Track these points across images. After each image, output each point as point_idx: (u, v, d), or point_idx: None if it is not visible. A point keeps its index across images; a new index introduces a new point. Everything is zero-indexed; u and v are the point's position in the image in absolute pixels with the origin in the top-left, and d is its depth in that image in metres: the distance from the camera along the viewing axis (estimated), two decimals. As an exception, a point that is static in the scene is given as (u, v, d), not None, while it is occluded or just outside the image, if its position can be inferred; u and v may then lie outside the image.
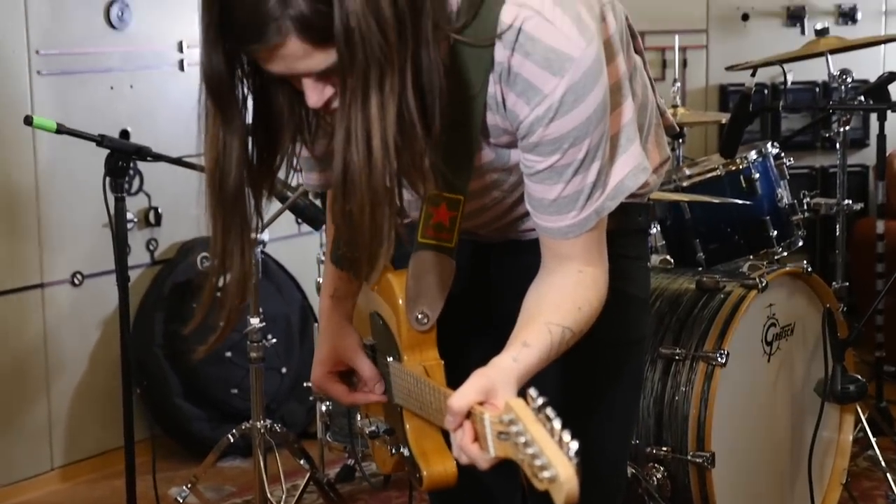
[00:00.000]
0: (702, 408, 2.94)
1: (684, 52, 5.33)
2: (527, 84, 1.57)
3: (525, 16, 1.55)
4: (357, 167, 1.47)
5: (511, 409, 1.36)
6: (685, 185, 3.54)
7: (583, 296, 1.68)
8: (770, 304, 3.16)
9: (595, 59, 1.57)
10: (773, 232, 3.57)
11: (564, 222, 1.67)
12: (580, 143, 1.60)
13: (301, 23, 1.41)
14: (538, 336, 1.61)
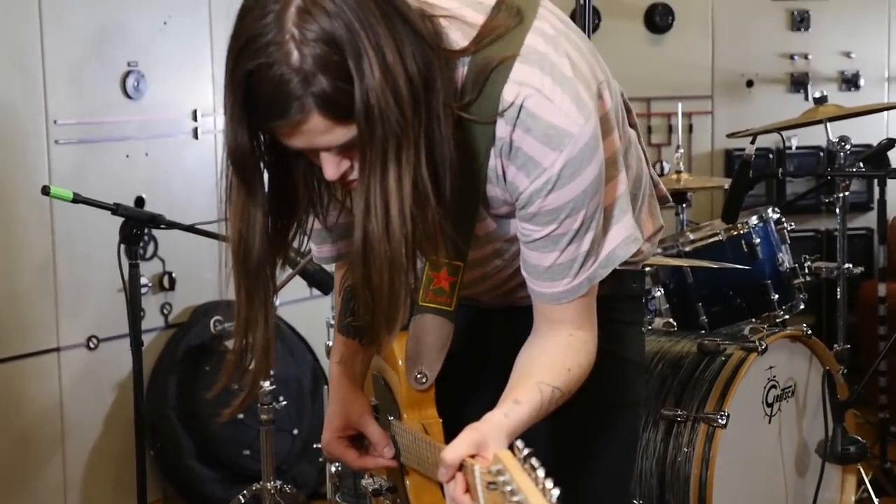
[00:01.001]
0: (703, 468, 3.00)
1: (690, 117, 5.43)
2: (527, 158, 1.64)
3: (526, 94, 1.63)
4: (376, 237, 1.54)
5: (499, 459, 1.43)
6: (687, 249, 3.61)
7: (573, 358, 1.75)
8: (770, 366, 3.23)
9: (592, 136, 1.65)
10: (774, 295, 3.63)
11: (558, 288, 1.74)
12: (576, 214, 1.68)
13: (323, 100, 1.48)
14: (529, 394, 1.68)
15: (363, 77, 1.45)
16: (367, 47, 1.45)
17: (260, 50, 1.46)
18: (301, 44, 1.45)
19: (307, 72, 1.45)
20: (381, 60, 1.46)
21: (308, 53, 1.45)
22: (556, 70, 1.64)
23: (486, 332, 2.05)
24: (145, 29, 4.20)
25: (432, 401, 1.84)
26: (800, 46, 5.49)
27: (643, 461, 3.09)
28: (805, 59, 5.47)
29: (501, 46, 1.65)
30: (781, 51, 5.50)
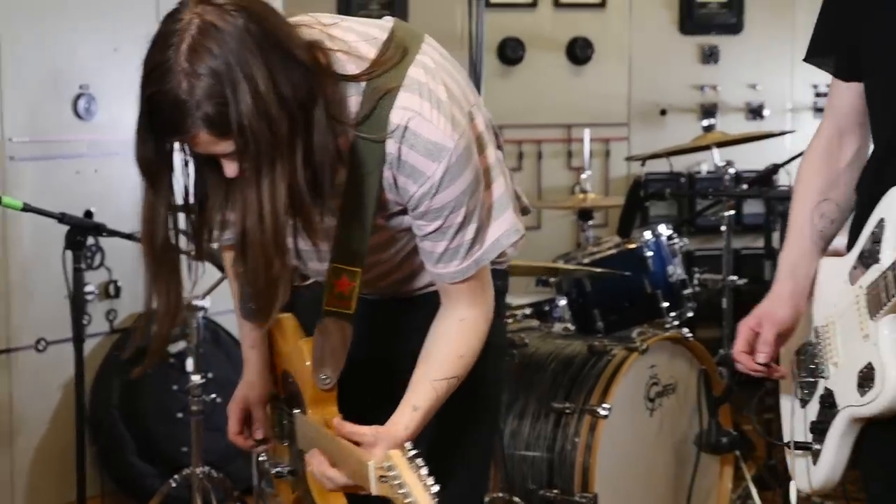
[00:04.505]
0: (586, 455, 3.36)
1: (607, 143, 5.83)
2: (413, 168, 2.01)
3: (409, 116, 1.99)
4: (251, 232, 1.89)
5: (391, 458, 1.84)
6: (586, 261, 3.97)
7: (465, 343, 2.15)
8: (652, 365, 3.59)
9: (465, 148, 2.02)
10: (664, 304, 4.00)
11: (450, 269, 2.11)
12: (458, 211, 2.05)
13: (207, 120, 1.83)
14: (426, 397, 2.09)
15: (238, 103, 1.80)
16: (241, 79, 1.80)
17: (159, 78, 1.82)
18: (190, 76, 1.80)
19: (195, 98, 1.80)
20: (254, 89, 1.80)
21: (195, 84, 1.80)
22: (433, 96, 2.00)
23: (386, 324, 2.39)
24: (96, 55, 4.47)
25: (334, 399, 2.16)
26: (709, 78, 5.92)
27: (535, 449, 3.44)
28: (714, 91, 5.90)
29: (389, 78, 2.00)
30: (692, 82, 5.93)
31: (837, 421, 2.16)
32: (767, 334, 2.21)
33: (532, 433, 3.48)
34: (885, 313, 2.03)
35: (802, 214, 2.25)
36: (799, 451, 2.26)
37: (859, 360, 2.09)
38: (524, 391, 3.53)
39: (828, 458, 2.19)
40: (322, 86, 1.92)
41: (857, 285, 2.12)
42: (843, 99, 2.24)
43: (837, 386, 2.17)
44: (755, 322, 2.23)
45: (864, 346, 2.08)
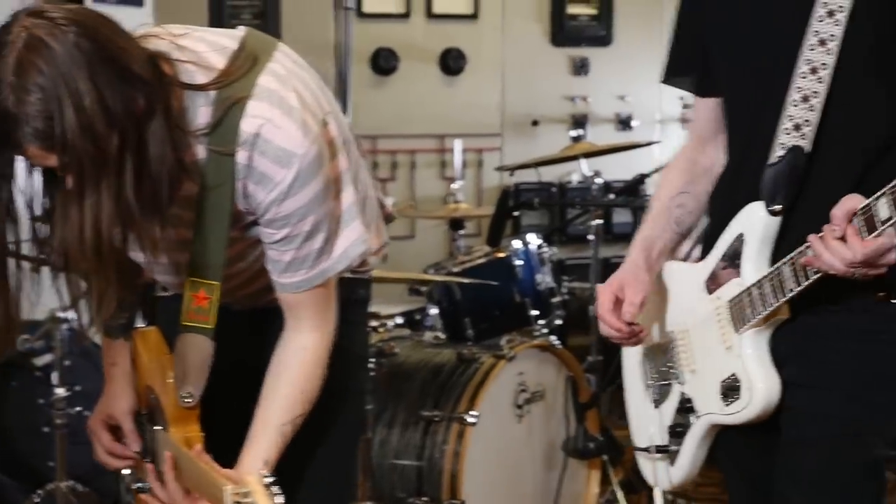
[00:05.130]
0: (454, 462, 3.39)
1: (480, 153, 5.88)
2: (262, 175, 2.00)
3: (260, 123, 1.98)
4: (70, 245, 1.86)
5: (248, 484, 1.81)
6: (456, 270, 4.01)
7: (307, 377, 2.13)
8: (520, 372, 3.64)
9: (316, 155, 2.02)
10: (532, 312, 4.05)
11: (296, 278, 2.10)
12: (306, 219, 2.04)
13: (34, 135, 1.80)
14: (275, 446, 2.08)
15: (62, 119, 1.78)
16: (66, 95, 1.78)
17: None
18: (18, 90, 1.78)
19: (23, 112, 1.79)
20: (78, 105, 1.78)
21: (24, 98, 1.78)
22: (284, 103, 1.99)
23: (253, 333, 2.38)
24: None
25: (196, 417, 2.13)
26: (580, 90, 6.02)
27: (404, 458, 3.46)
28: (585, 102, 5.99)
29: (239, 87, 2.00)
30: (563, 93, 6.02)
31: (697, 426, 2.24)
32: (633, 296, 2.25)
33: (401, 442, 3.49)
34: (750, 328, 2.11)
35: (661, 202, 2.34)
36: (659, 454, 2.32)
37: (722, 371, 2.16)
38: (393, 400, 3.54)
39: (686, 459, 2.28)
40: (164, 97, 1.90)
41: (716, 296, 2.18)
42: (702, 112, 2.34)
43: (696, 392, 2.24)
44: (617, 286, 2.27)
45: (727, 358, 2.15)
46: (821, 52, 2.06)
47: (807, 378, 2.11)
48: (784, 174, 2.08)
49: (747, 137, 2.18)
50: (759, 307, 2.08)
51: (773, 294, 2.06)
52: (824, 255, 1.95)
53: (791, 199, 2.09)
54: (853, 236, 1.92)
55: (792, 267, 2.03)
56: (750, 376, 2.10)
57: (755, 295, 2.08)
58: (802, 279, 2.01)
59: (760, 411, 2.11)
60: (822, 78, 2.06)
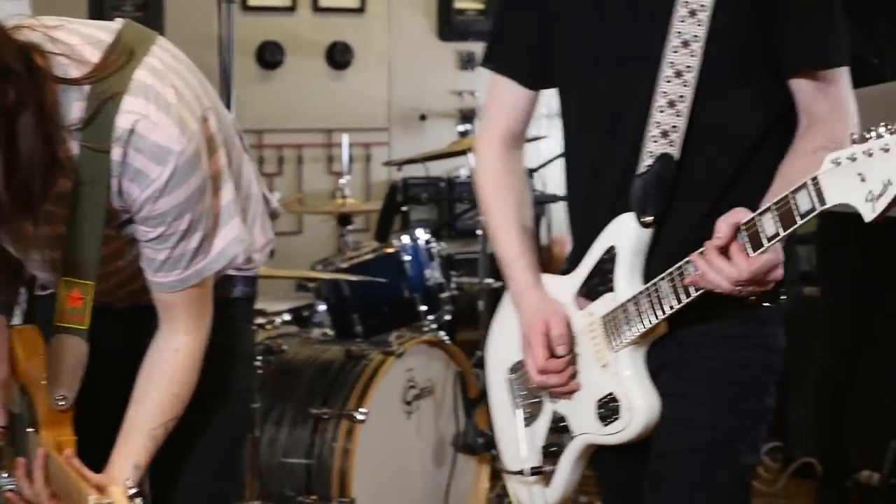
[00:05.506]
0: (344, 460, 3.36)
1: (368, 148, 5.85)
2: (138, 171, 1.94)
3: (135, 119, 1.92)
4: None
5: (112, 495, 1.76)
6: (344, 266, 3.98)
7: (180, 380, 2.08)
8: (409, 368, 3.63)
9: (193, 153, 1.97)
10: (421, 307, 4.04)
11: (171, 278, 2.05)
12: (182, 217, 1.99)
13: None
14: (146, 450, 2.03)
15: None
16: None
17: None
18: None
19: None
20: None
21: None
22: (160, 99, 1.94)
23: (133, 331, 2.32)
24: None
25: (70, 420, 2.07)
26: (467, 84, 6.02)
27: (293, 456, 3.43)
28: (472, 96, 5.99)
29: (114, 81, 1.94)
30: (451, 88, 6.02)
31: (572, 446, 2.17)
32: (560, 329, 2.12)
33: (290, 440, 3.46)
34: (626, 346, 2.05)
35: (510, 219, 2.20)
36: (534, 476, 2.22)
37: (597, 389, 2.09)
38: (282, 398, 3.51)
39: (562, 479, 2.21)
40: (36, 91, 1.84)
41: (588, 312, 2.11)
42: (521, 105, 2.21)
43: (570, 411, 2.16)
44: (543, 326, 2.12)
45: (602, 376, 2.09)
46: (685, 55, 2.00)
47: (678, 387, 2.06)
48: (654, 183, 2.02)
49: (606, 143, 2.10)
50: (636, 324, 2.02)
51: (652, 311, 2.00)
52: (708, 273, 1.89)
53: (662, 209, 2.03)
54: (738, 253, 1.87)
55: (671, 283, 1.97)
56: (629, 396, 2.05)
57: (631, 311, 2.02)
58: (683, 296, 1.96)
59: (641, 431, 2.06)
60: (688, 81, 2.00)
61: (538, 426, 2.23)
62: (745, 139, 2.05)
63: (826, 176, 1.74)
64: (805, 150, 1.99)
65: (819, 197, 1.75)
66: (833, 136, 1.97)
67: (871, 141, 1.70)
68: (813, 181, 1.76)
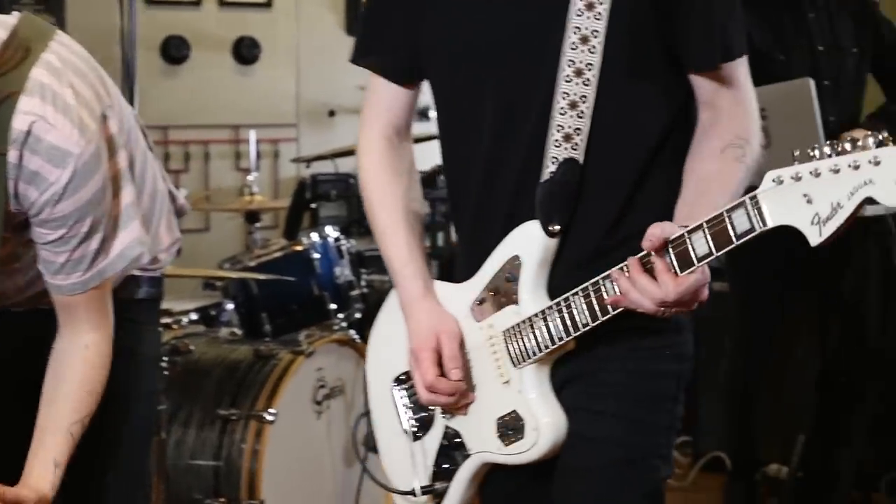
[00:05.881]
0: (253, 461, 3.31)
1: (276, 144, 5.79)
2: (35, 174, 1.88)
3: (31, 121, 1.86)
4: None
5: None
6: (252, 264, 3.92)
7: (91, 377, 2.03)
8: (319, 367, 3.58)
9: (93, 154, 1.91)
10: (331, 305, 4.00)
11: (71, 280, 1.99)
12: (84, 220, 1.93)
13: None
14: (65, 447, 1.99)
15: None
16: None
17: None
18: None
19: None
20: None
21: None
22: (58, 99, 1.88)
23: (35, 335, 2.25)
24: None
25: None
26: (376, 80, 5.96)
27: (201, 458, 3.36)
28: (382, 92, 5.94)
29: (9, 80, 1.87)
30: (360, 84, 5.88)
31: (468, 465, 2.05)
32: (452, 349, 1.99)
33: (197, 441, 3.39)
34: (531, 362, 1.94)
35: (396, 220, 2.06)
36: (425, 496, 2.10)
37: (498, 407, 1.98)
38: (189, 399, 3.44)
39: (455, 498, 2.09)
40: None
41: (487, 324, 1.99)
42: (399, 102, 2.09)
43: (465, 427, 2.04)
44: (434, 342, 2.00)
45: (504, 393, 1.97)
46: (584, 52, 1.87)
47: (587, 402, 1.96)
48: (559, 190, 1.90)
49: (499, 147, 1.96)
50: (544, 340, 1.90)
51: (563, 328, 1.88)
52: (631, 293, 1.78)
53: (568, 217, 1.92)
54: (665, 273, 1.75)
55: (586, 300, 1.85)
56: (535, 416, 1.94)
57: (539, 327, 1.91)
58: (600, 314, 1.84)
59: (547, 452, 1.95)
60: (589, 80, 1.87)
61: (428, 442, 2.10)
62: (650, 138, 1.95)
63: (767, 195, 1.66)
64: (713, 149, 1.92)
65: (760, 217, 1.67)
66: (740, 132, 1.92)
67: (817, 160, 1.61)
68: (752, 200, 1.67)
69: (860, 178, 1.55)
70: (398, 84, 2.09)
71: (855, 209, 1.57)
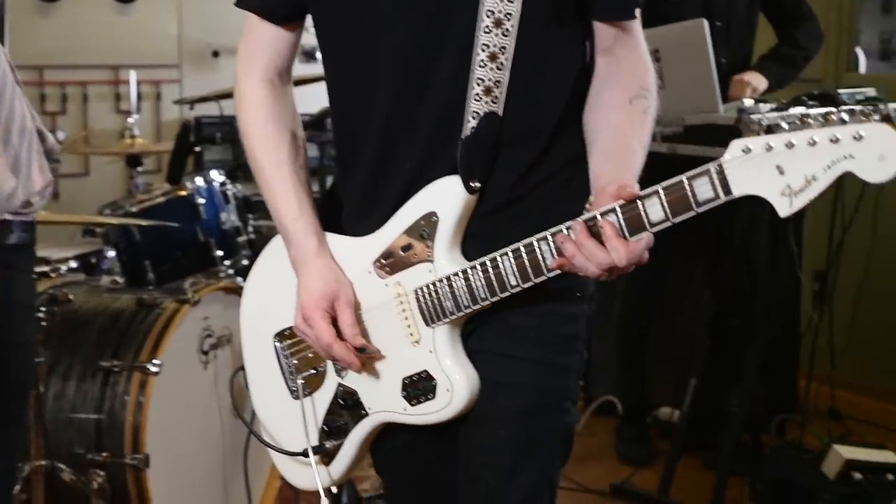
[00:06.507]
0: (137, 414, 3.18)
1: (158, 85, 5.59)
2: None
3: None
4: None
5: None
6: (134, 210, 3.77)
7: None
8: (205, 316, 3.45)
9: None
10: (217, 252, 3.88)
11: None
12: None
13: None
14: None
15: None
16: None
17: None
18: None
19: None
20: None
21: None
22: None
23: None
24: None
25: None
26: (262, 20, 5.79)
27: (82, 411, 3.23)
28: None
29: None
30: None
31: (365, 423, 2.00)
32: (350, 316, 1.91)
33: (78, 394, 3.25)
34: (446, 322, 1.88)
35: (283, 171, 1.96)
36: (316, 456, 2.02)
37: (405, 366, 1.92)
38: (69, 350, 3.29)
39: (347, 458, 2.03)
40: None
41: (395, 281, 1.92)
42: (282, 43, 1.99)
43: (364, 386, 1.98)
44: (327, 304, 1.92)
45: (414, 352, 1.91)
46: (503, 1, 1.80)
47: (498, 346, 1.90)
48: (480, 145, 1.83)
49: (410, 99, 1.87)
50: (464, 301, 1.84)
51: (488, 288, 1.81)
52: (577, 258, 1.71)
53: (488, 173, 1.85)
54: (615, 238, 1.69)
55: (518, 261, 1.78)
56: (449, 376, 1.88)
57: (459, 287, 1.84)
58: (532, 276, 1.77)
59: (461, 411, 1.90)
60: (509, 31, 1.81)
61: (318, 400, 2.03)
62: (566, 87, 1.90)
63: (734, 164, 1.62)
64: (622, 100, 1.88)
65: (724, 186, 1.62)
66: (643, 83, 1.89)
67: (792, 133, 1.58)
68: (718, 169, 1.62)
69: (840, 152, 1.53)
70: (278, 25, 1.98)
71: (830, 183, 1.55)
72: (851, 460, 3.63)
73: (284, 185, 1.95)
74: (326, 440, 2.03)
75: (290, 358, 2.05)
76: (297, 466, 2.09)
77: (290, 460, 2.09)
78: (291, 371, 2.05)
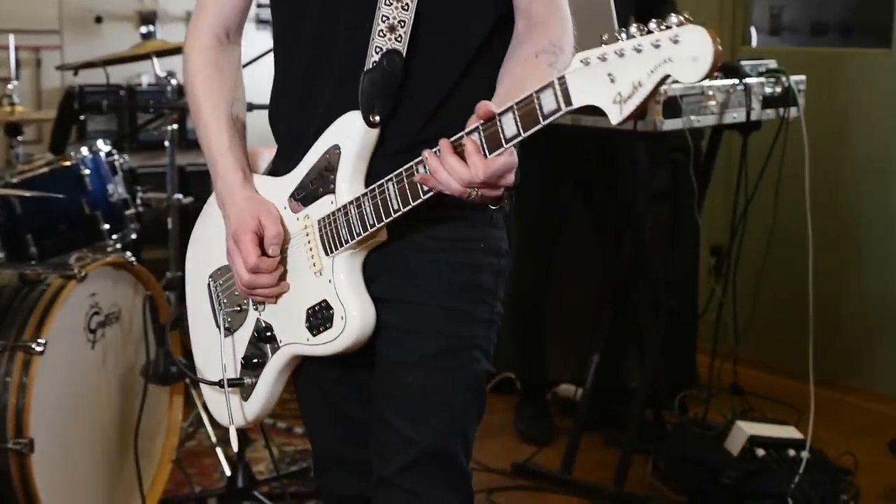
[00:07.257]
0: (20, 396, 3.01)
1: (38, 51, 5.35)
2: None
3: None
4: None
5: None
6: (15, 181, 3.57)
7: None
8: (93, 293, 3.29)
9: None
10: (105, 225, 3.70)
11: None
12: None
13: None
14: None
15: None
16: None
17: None
18: None
19: None
20: None
21: None
22: None
23: None
24: None
25: None
26: (148, -14, 5.59)
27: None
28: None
29: None
30: (132, -13, 5.57)
31: (277, 357, 2.07)
32: (273, 228, 2.01)
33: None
34: (343, 251, 1.95)
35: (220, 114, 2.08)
36: (231, 388, 2.12)
37: (309, 297, 1.99)
38: (-55, 330, 3.10)
39: (263, 393, 2.11)
40: None
41: (304, 214, 2.00)
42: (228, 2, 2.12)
43: (276, 320, 2.06)
44: (254, 224, 2.00)
45: (316, 283, 1.98)
46: None
47: (405, 293, 1.97)
48: (381, 81, 1.91)
49: (323, 36, 1.99)
50: (356, 228, 1.91)
51: (375, 214, 1.88)
52: (439, 172, 1.78)
53: (389, 108, 1.92)
54: (474, 154, 1.76)
55: (399, 185, 1.85)
56: (343, 303, 1.94)
57: (353, 215, 1.91)
58: (410, 199, 1.84)
59: (354, 341, 1.95)
60: None
61: (240, 336, 2.12)
62: (474, 38, 1.97)
63: (574, 76, 1.66)
64: (528, 54, 1.93)
65: (565, 97, 1.66)
66: (554, 38, 1.94)
67: (623, 41, 1.60)
68: (560, 80, 1.67)
69: (661, 55, 1.56)
70: None
71: (654, 87, 1.58)
72: (755, 436, 3.62)
73: (219, 123, 2.07)
74: (245, 375, 2.10)
75: (221, 297, 2.15)
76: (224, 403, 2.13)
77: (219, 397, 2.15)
78: (220, 308, 2.14)
